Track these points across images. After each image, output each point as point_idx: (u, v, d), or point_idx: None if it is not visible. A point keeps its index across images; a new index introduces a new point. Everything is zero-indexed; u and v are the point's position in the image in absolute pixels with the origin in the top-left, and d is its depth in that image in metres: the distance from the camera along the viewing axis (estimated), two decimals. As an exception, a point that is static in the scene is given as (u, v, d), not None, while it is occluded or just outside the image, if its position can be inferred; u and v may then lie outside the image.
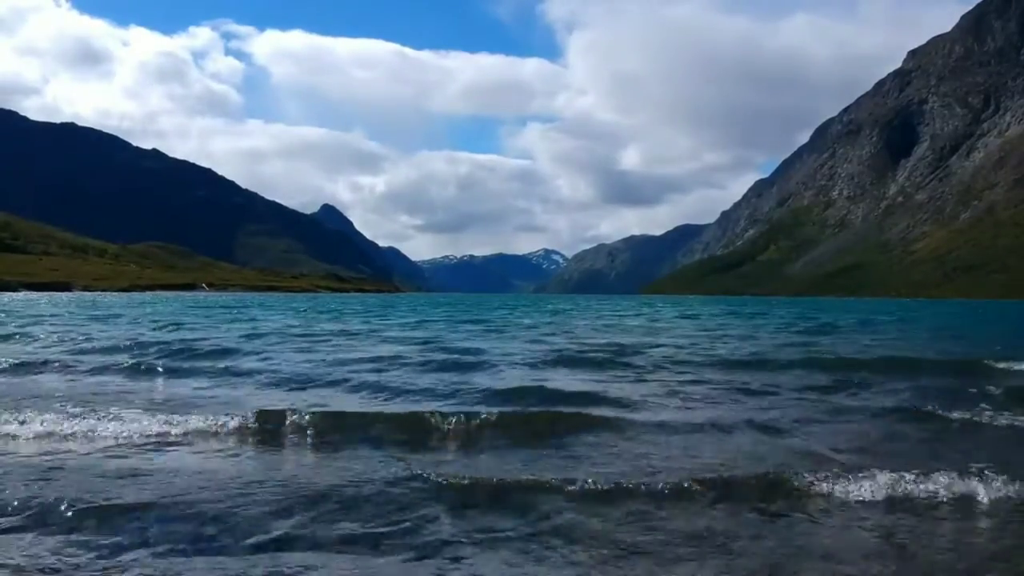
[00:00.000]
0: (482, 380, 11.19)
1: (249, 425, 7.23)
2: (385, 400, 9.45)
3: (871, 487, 5.22)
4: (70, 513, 4.52)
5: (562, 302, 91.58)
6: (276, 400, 9.16)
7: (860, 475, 5.39)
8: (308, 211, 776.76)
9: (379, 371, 12.23)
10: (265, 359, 13.95)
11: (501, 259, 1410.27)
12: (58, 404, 8.22)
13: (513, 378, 11.55)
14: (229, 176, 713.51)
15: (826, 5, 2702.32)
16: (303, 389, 10.21)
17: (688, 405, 9.15)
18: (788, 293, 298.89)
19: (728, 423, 7.83)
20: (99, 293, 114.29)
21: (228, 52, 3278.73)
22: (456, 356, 14.60)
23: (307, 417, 7.40)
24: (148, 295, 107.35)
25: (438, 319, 33.70)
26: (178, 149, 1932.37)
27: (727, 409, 8.88)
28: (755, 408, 8.91)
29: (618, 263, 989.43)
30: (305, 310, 46.24)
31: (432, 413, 7.66)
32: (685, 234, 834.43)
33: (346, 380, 10.83)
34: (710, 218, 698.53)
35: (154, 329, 22.82)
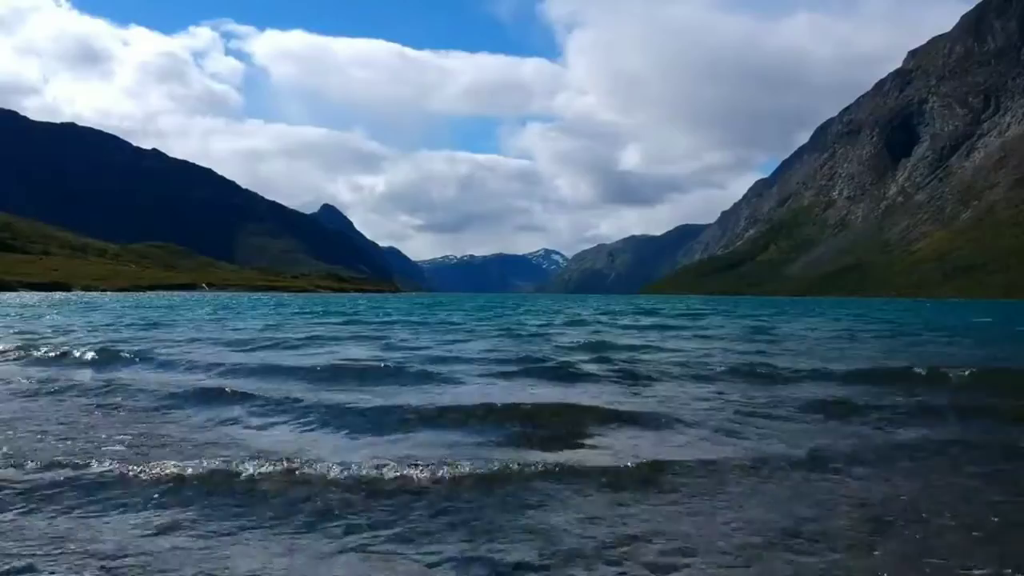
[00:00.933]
0: (424, 396, 8.88)
1: None
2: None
3: None
4: None
5: (560, 302, 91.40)
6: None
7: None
8: (308, 211, 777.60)
9: (282, 379, 10.56)
10: (160, 365, 12.17)
11: (501, 259, 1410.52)
12: None
13: (468, 392, 9.36)
14: (229, 176, 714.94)
15: (826, 5, 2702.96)
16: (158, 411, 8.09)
17: (709, 432, 6.88)
18: (788, 293, 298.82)
19: (775, 463, 5.56)
20: (98, 293, 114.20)
21: (228, 52, 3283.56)
22: (407, 362, 12.43)
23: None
24: (148, 295, 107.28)
25: (419, 320, 32.04)
26: (178, 149, 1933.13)
27: (765, 439, 6.54)
28: (805, 436, 6.59)
29: (618, 263, 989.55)
30: (288, 310, 44.45)
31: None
32: (685, 234, 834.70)
33: (244, 397, 8.70)
34: (710, 218, 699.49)
35: (90, 330, 21.72)
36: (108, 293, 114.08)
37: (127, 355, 13.13)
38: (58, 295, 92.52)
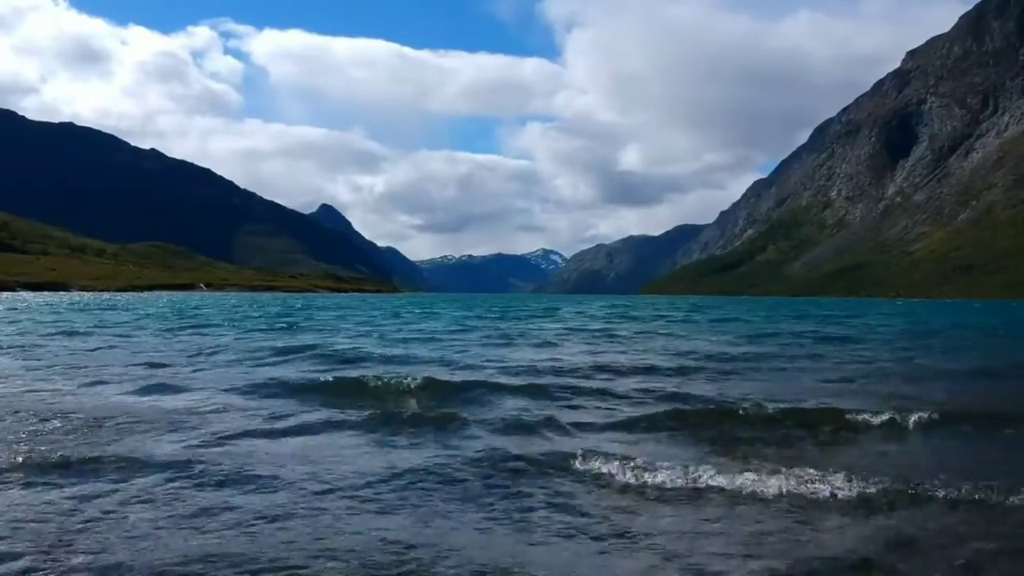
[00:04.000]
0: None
1: None
2: None
3: None
4: None
5: (552, 301, 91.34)
6: None
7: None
8: (307, 211, 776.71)
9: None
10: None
11: (500, 259, 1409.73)
12: None
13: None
14: (228, 176, 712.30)
15: (826, 5, 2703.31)
16: None
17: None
18: (786, 293, 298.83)
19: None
20: (96, 293, 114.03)
21: (227, 51, 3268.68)
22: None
23: None
24: (147, 295, 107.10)
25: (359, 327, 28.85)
26: (177, 149, 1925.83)
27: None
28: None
29: (617, 263, 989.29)
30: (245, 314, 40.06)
31: None
32: (684, 234, 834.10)
33: None
34: (709, 218, 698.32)
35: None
36: (106, 294, 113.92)
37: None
38: (49, 296, 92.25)
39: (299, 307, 57.56)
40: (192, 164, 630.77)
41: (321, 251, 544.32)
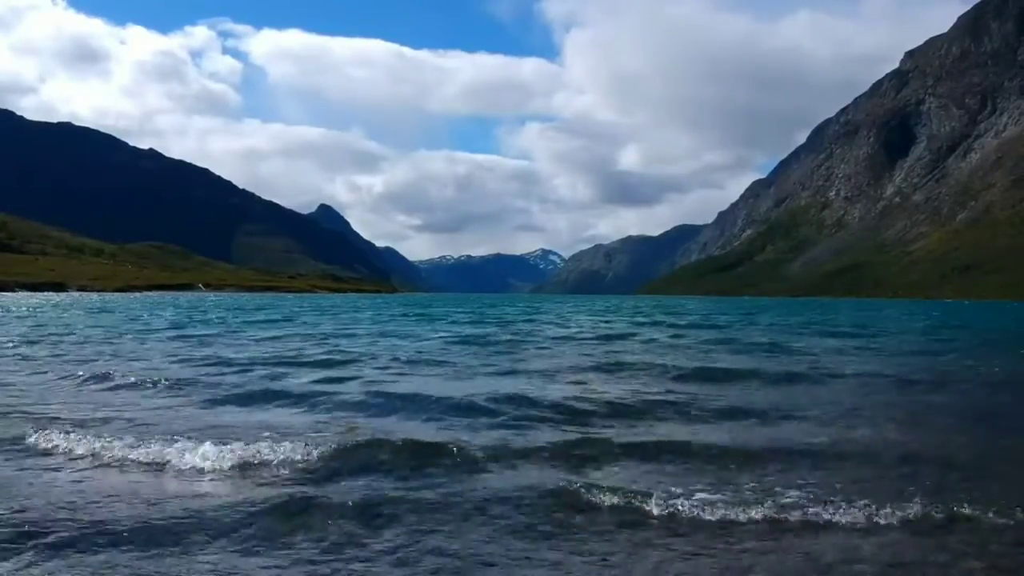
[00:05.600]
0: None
1: None
2: None
3: None
4: None
5: (538, 302, 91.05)
6: None
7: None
8: (306, 211, 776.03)
9: None
10: None
11: (499, 259, 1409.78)
12: None
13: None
14: (226, 176, 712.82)
15: (826, 5, 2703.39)
16: None
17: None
18: (785, 294, 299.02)
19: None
20: (95, 293, 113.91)
21: (225, 51, 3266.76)
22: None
23: None
24: (141, 295, 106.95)
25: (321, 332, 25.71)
26: (175, 149, 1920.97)
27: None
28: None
29: (615, 263, 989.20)
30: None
31: None
32: (683, 234, 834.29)
33: None
34: (708, 218, 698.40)
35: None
36: (105, 294, 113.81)
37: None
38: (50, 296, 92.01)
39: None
40: (191, 164, 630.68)
41: (320, 251, 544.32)
